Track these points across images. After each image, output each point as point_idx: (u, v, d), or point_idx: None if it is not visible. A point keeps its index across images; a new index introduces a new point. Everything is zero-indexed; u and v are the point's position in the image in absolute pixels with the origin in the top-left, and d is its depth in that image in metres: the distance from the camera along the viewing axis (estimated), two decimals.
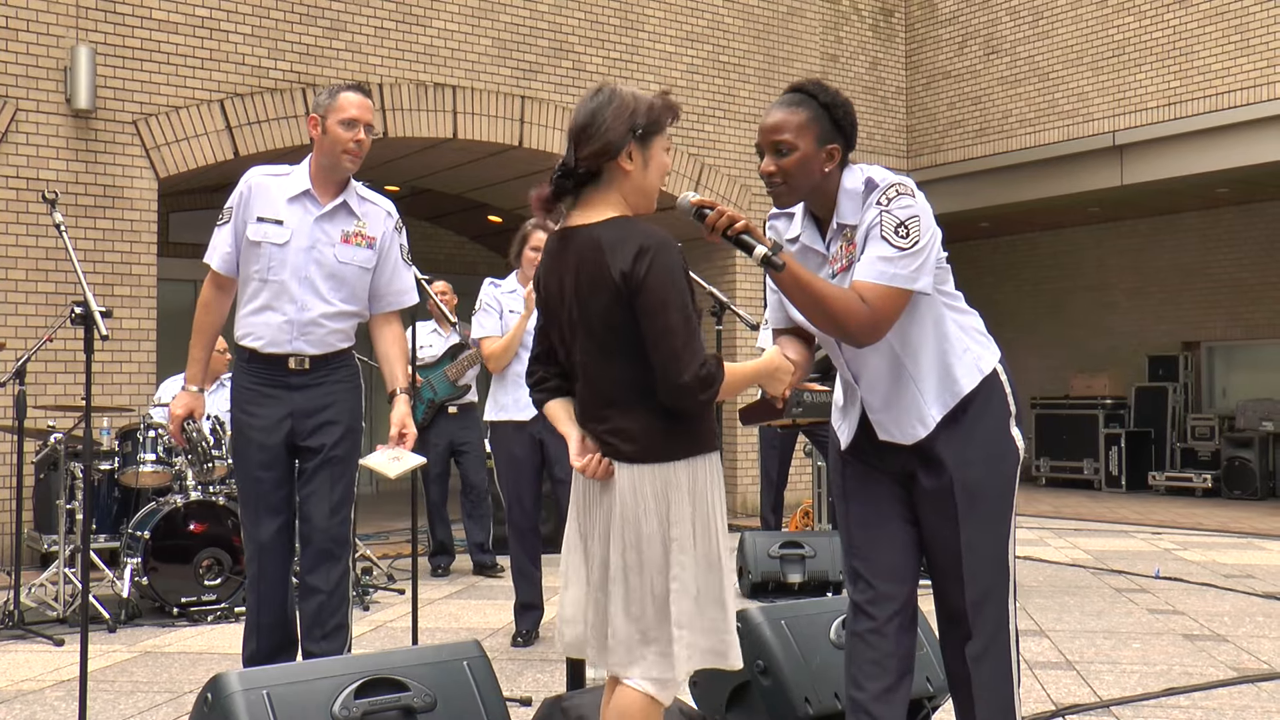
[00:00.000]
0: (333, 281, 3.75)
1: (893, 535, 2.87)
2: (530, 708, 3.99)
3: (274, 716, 2.67)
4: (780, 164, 2.74)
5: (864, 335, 2.65)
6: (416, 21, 9.68)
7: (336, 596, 3.75)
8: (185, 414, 3.84)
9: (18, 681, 4.72)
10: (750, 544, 6.46)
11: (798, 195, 2.79)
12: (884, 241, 2.64)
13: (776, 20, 11.81)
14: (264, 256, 3.70)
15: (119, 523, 6.72)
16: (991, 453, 2.79)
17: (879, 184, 2.71)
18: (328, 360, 3.79)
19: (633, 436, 2.55)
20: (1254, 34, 11.25)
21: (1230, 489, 12.64)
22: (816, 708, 3.31)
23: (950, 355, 2.77)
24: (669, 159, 2.70)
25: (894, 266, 2.63)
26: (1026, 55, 13.16)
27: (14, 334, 7.82)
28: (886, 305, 2.64)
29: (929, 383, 2.76)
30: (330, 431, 3.77)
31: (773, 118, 2.77)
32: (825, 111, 2.75)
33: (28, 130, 8.09)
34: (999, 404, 2.80)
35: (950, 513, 2.77)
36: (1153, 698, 4.27)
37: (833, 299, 2.62)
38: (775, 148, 2.74)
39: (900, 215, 2.65)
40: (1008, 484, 2.82)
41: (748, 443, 11.08)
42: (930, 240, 2.68)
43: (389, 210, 3.91)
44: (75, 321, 3.61)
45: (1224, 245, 14.18)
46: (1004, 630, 2.83)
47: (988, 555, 2.81)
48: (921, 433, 2.77)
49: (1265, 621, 5.77)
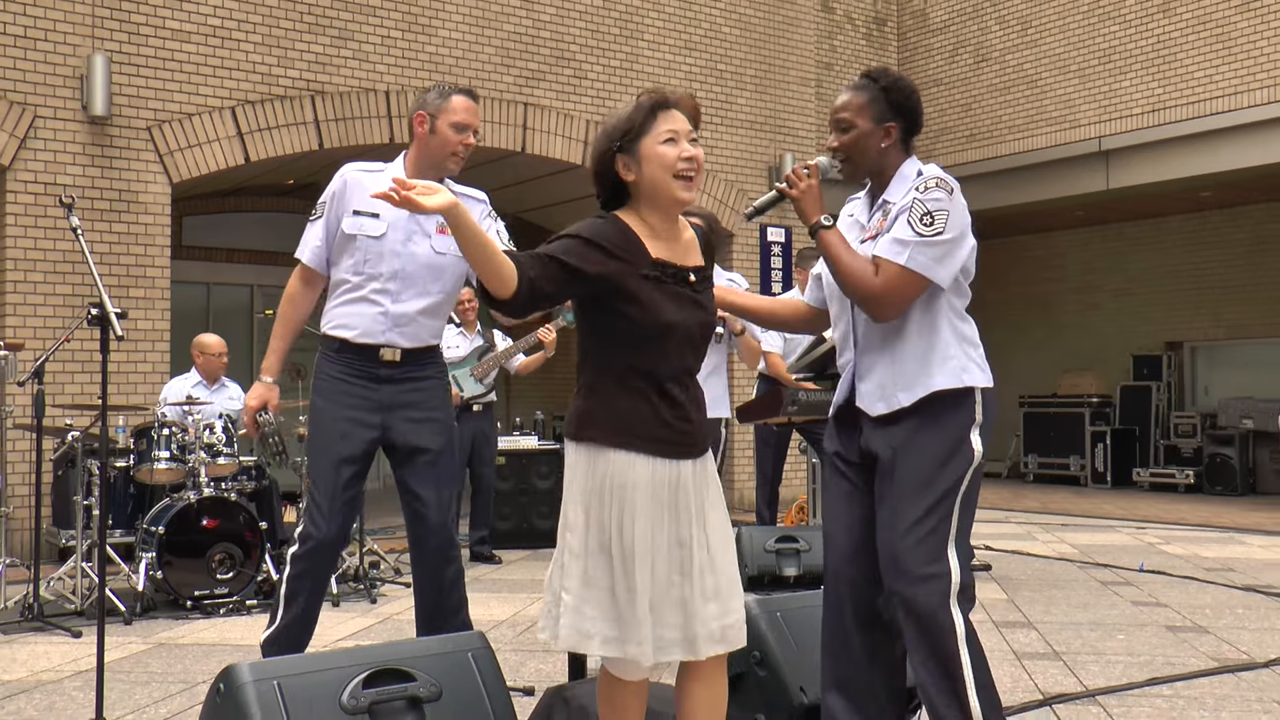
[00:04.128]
0: (430, 273, 3.68)
1: (849, 528, 2.95)
2: (533, 697, 4.00)
3: (284, 706, 2.67)
4: (842, 140, 2.92)
5: (872, 306, 2.78)
6: (422, 30, 9.69)
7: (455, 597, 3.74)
8: (260, 405, 3.72)
9: (37, 672, 4.73)
10: (747, 538, 6.46)
11: (859, 170, 2.93)
12: (908, 225, 2.76)
13: (772, 29, 11.81)
14: (360, 250, 3.64)
15: (134, 518, 6.72)
16: (942, 450, 2.79)
17: (924, 174, 2.85)
18: (419, 355, 3.71)
19: (570, 413, 2.70)
20: (1235, 42, 11.26)
21: (1212, 485, 12.65)
22: (811, 697, 3.32)
23: (936, 353, 2.82)
24: (673, 149, 2.61)
25: (910, 249, 2.74)
26: (1015, 63, 13.16)
27: (32, 334, 7.82)
28: (897, 283, 2.75)
29: (908, 368, 2.82)
30: (432, 429, 3.70)
31: (839, 99, 2.95)
32: (884, 94, 2.89)
33: (45, 136, 8.10)
34: (966, 411, 2.82)
35: (891, 493, 2.81)
36: (1137, 687, 4.28)
37: (851, 268, 2.79)
38: (838, 125, 2.93)
39: (929, 205, 2.76)
40: (952, 482, 2.79)
41: (744, 440, 11.09)
42: (956, 238, 2.76)
43: (482, 198, 3.85)
44: (92, 322, 3.60)
45: (1207, 248, 14.18)
46: (941, 624, 2.73)
47: (920, 541, 2.75)
48: (882, 409, 2.85)
49: (1245, 613, 5.78)
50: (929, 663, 2.74)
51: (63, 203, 3.96)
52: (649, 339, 2.62)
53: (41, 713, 4.11)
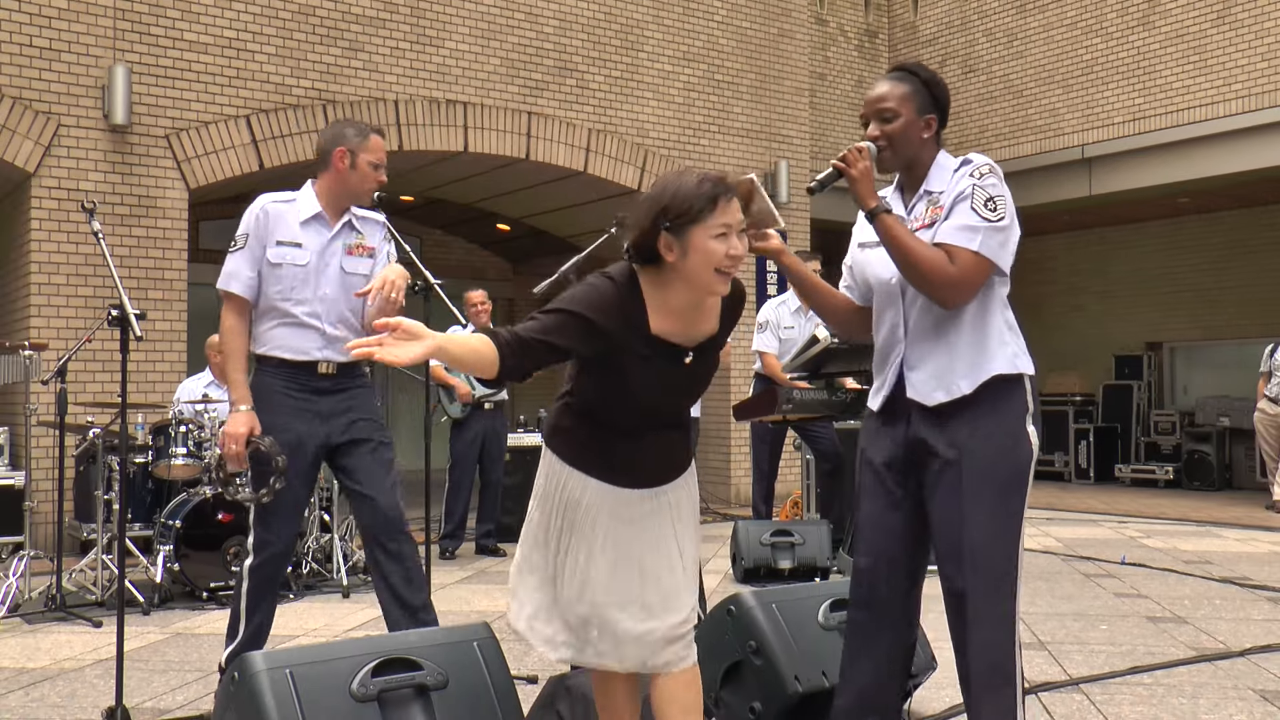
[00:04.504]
0: (348, 293, 3.78)
1: (891, 538, 2.79)
2: (536, 685, 3.99)
3: (296, 694, 2.66)
4: (885, 129, 2.76)
5: (948, 293, 2.64)
6: (430, 42, 9.67)
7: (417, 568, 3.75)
8: (249, 430, 3.64)
9: (59, 660, 4.72)
10: (743, 532, 6.46)
11: (900, 160, 2.79)
12: (973, 211, 2.64)
13: (768, 41, 11.80)
14: (286, 277, 3.71)
15: (152, 512, 6.71)
16: (1006, 439, 2.66)
17: (974, 161, 2.73)
18: (349, 368, 3.80)
19: (549, 414, 2.78)
20: (1212, 55, 11.26)
21: (1190, 481, 12.64)
22: (805, 685, 3.31)
23: (992, 340, 2.70)
24: (722, 244, 2.43)
25: (982, 235, 2.63)
26: (1001, 74, 13.16)
27: (55, 335, 7.81)
28: (971, 269, 2.63)
29: (964, 357, 2.68)
30: (369, 426, 3.79)
31: (878, 89, 2.80)
32: (925, 87, 2.79)
33: (69, 144, 8.09)
34: (1020, 399, 2.70)
35: (957, 491, 2.65)
36: (1118, 676, 4.27)
37: (923, 255, 2.63)
38: (880, 115, 2.77)
39: (990, 191, 2.66)
40: (1019, 473, 2.67)
41: (740, 437, 11.08)
42: (1013, 223, 2.67)
43: (380, 220, 3.96)
44: (112, 323, 3.61)
45: (1185, 251, 14.17)
46: (1008, 619, 2.65)
47: (993, 540, 2.64)
48: (941, 397, 2.69)
49: (1222, 604, 5.77)
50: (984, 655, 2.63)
51: (85, 208, 3.96)
52: (622, 402, 2.57)
53: (64, 699, 4.10)
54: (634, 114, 10.79)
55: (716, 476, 11.38)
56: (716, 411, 10.76)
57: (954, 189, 2.69)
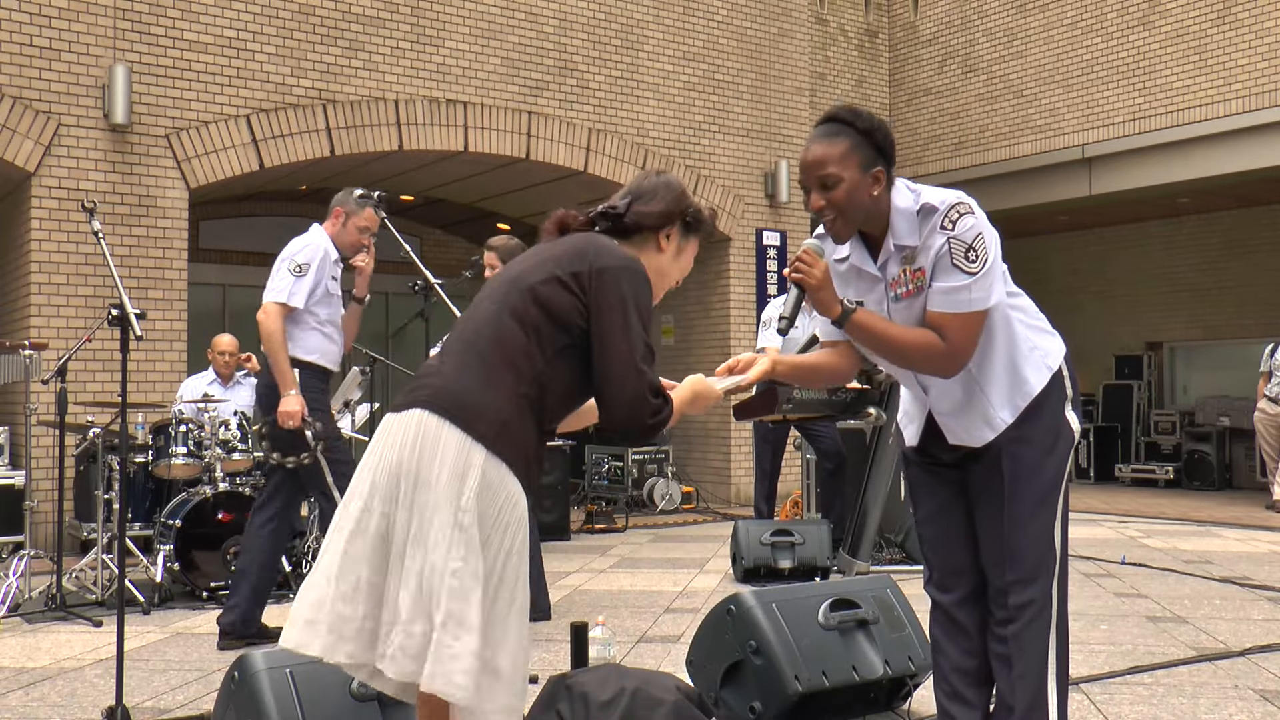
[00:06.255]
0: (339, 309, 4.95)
1: (954, 530, 2.75)
2: (536, 685, 3.99)
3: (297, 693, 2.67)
4: (829, 198, 2.49)
5: (946, 367, 2.52)
6: (430, 42, 9.67)
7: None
8: (302, 409, 4.59)
9: (60, 660, 4.72)
10: (744, 531, 6.46)
11: (853, 226, 2.54)
12: (956, 270, 2.47)
13: (768, 41, 11.80)
14: (330, 301, 4.82)
15: (152, 512, 6.71)
16: (1046, 437, 2.62)
17: (938, 206, 2.50)
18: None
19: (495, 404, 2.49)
20: (1212, 55, 11.26)
21: (1190, 480, 12.64)
22: (805, 685, 3.31)
23: (1019, 357, 2.61)
24: (689, 267, 2.57)
25: (970, 293, 2.47)
26: (1002, 74, 13.16)
27: (55, 335, 7.81)
28: (966, 332, 2.48)
29: (998, 387, 2.59)
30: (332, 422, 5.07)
31: (812, 153, 2.51)
32: (865, 137, 2.50)
33: (69, 144, 8.09)
34: (1058, 393, 2.64)
35: (998, 490, 2.61)
36: (1118, 675, 4.27)
37: (909, 342, 2.49)
38: (821, 182, 2.50)
39: (967, 238, 2.47)
40: (1058, 468, 2.63)
41: (740, 436, 11.08)
42: (996, 252, 2.50)
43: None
44: (112, 323, 3.61)
45: (1185, 251, 14.18)
46: (1047, 611, 2.62)
47: (1033, 535, 2.60)
48: (989, 435, 2.61)
49: (1222, 604, 5.77)
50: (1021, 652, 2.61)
51: (85, 208, 3.96)
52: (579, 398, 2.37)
53: (64, 698, 4.10)
54: (634, 114, 10.79)
55: (716, 476, 11.38)
56: (717, 411, 10.76)
57: (929, 246, 2.50)
